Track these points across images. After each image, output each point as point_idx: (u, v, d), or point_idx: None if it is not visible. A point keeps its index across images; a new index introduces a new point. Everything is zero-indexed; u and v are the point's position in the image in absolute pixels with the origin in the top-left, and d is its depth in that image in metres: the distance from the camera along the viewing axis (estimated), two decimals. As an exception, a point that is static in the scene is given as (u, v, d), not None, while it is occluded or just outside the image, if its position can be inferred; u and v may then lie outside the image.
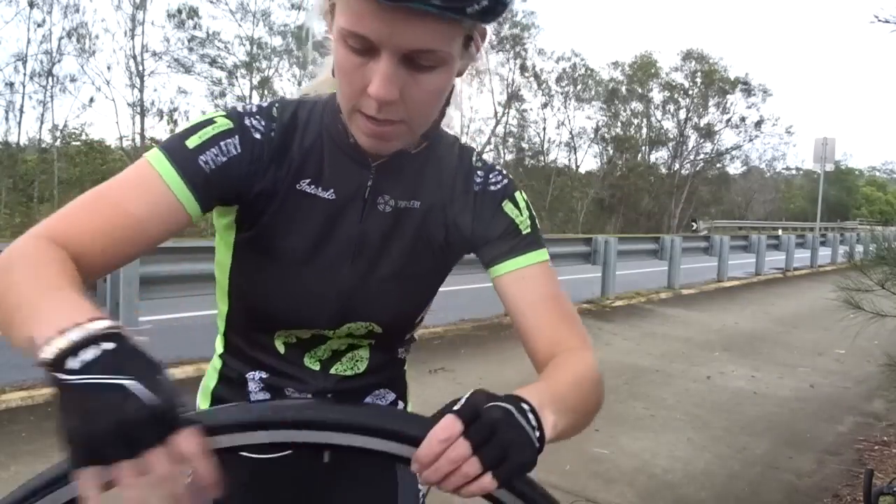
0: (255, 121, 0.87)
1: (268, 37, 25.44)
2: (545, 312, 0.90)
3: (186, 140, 0.83)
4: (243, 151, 0.85)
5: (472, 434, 0.60)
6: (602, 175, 33.81)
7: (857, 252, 5.03)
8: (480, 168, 0.96)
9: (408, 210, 0.92)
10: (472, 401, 0.63)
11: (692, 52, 34.54)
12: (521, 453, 0.62)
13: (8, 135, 22.18)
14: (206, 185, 0.82)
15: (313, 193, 0.89)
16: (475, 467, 0.60)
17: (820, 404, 4.92)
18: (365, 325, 0.93)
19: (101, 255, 0.77)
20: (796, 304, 9.95)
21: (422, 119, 0.82)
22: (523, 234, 0.94)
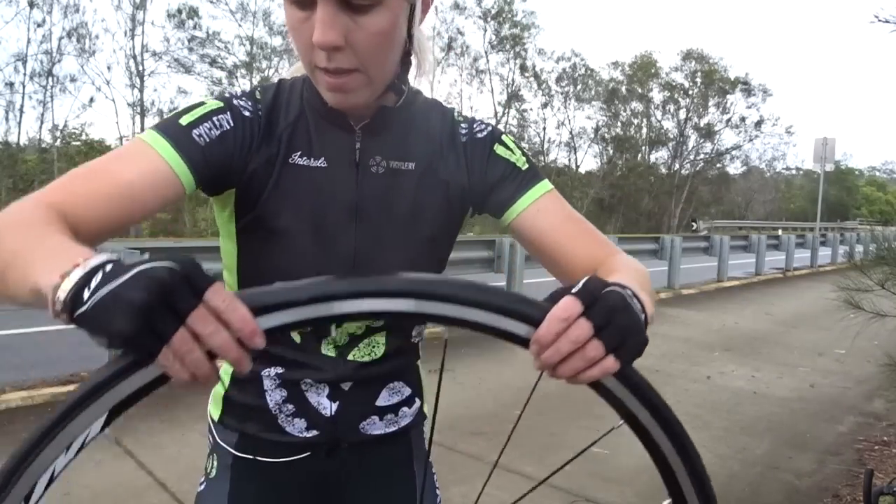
0: (243, 102, 0.90)
1: (268, 37, 25.45)
2: (573, 234, 0.93)
3: (179, 119, 0.84)
4: (235, 126, 0.87)
5: (592, 316, 0.59)
6: (602, 175, 33.81)
7: (857, 252, 5.03)
8: (463, 121, 0.99)
9: (402, 171, 0.93)
10: (589, 285, 0.61)
11: (692, 52, 34.56)
12: (638, 337, 0.61)
13: (8, 135, 22.19)
14: (201, 157, 0.83)
15: (306, 165, 0.90)
16: (598, 350, 0.59)
17: (820, 404, 4.92)
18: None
19: (96, 220, 0.75)
20: (796, 304, 9.95)
21: (375, 65, 0.82)
22: (523, 171, 0.96)
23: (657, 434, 0.66)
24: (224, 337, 0.53)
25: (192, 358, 0.52)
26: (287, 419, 0.97)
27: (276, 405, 0.97)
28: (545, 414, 4.17)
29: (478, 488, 3.10)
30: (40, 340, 5.52)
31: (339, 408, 0.97)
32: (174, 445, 3.43)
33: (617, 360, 0.60)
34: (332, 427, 0.97)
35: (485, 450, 3.61)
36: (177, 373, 0.52)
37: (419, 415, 1.07)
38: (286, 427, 0.97)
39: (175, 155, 0.81)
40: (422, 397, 1.07)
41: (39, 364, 4.85)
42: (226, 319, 0.53)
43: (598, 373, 0.60)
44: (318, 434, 0.97)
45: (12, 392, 4.07)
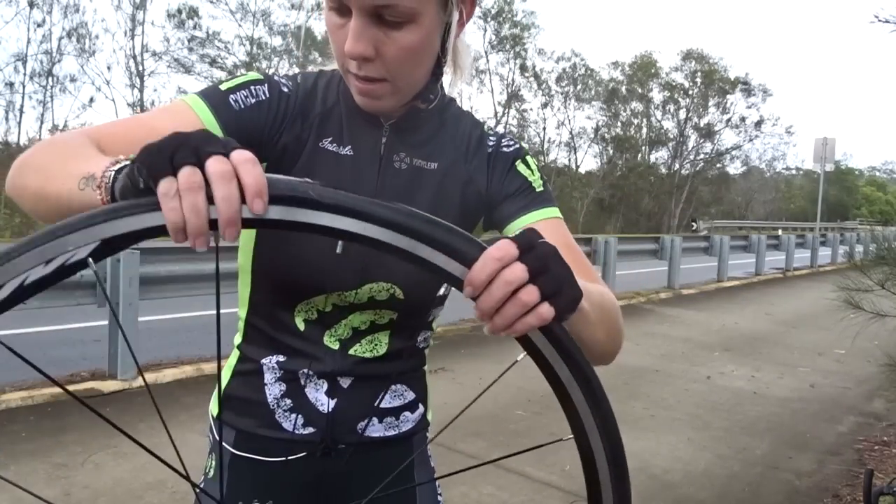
0: (283, 80, 0.94)
1: (268, 37, 25.48)
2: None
3: (220, 85, 0.89)
4: (272, 97, 0.90)
5: (527, 260, 0.57)
6: (602, 175, 33.81)
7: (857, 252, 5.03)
8: (492, 134, 1.01)
9: (425, 170, 0.96)
10: (527, 233, 0.60)
11: (692, 52, 34.56)
12: (573, 289, 0.60)
13: (8, 135, 22.18)
14: (236, 121, 0.86)
15: (334, 151, 0.93)
16: (533, 294, 0.57)
17: (820, 404, 4.92)
18: (386, 286, 0.93)
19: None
20: (796, 304, 9.96)
21: (403, 77, 0.85)
22: (537, 192, 0.97)
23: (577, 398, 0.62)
24: (230, 188, 0.52)
25: (192, 199, 0.51)
26: (284, 414, 0.97)
27: (275, 399, 0.97)
28: (545, 414, 4.17)
29: (478, 488, 3.10)
30: (40, 340, 5.52)
31: (337, 405, 0.97)
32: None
33: (552, 307, 0.58)
34: (328, 425, 0.97)
35: (484, 450, 3.61)
36: (171, 210, 0.51)
37: (422, 421, 1.06)
38: (283, 423, 0.97)
39: (213, 120, 0.85)
40: (426, 404, 1.07)
41: (39, 364, 4.83)
42: (240, 173, 0.53)
43: (535, 320, 0.57)
44: (315, 432, 0.97)
45: (12, 392, 4.07)
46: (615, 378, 5.21)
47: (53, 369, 4.61)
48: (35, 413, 3.84)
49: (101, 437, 3.52)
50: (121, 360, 4.39)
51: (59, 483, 3.00)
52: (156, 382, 4.46)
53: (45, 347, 5.31)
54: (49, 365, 4.76)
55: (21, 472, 3.09)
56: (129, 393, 4.24)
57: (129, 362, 4.39)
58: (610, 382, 5.16)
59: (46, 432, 3.58)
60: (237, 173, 0.52)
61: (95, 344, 5.11)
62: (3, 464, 3.16)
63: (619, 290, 9.15)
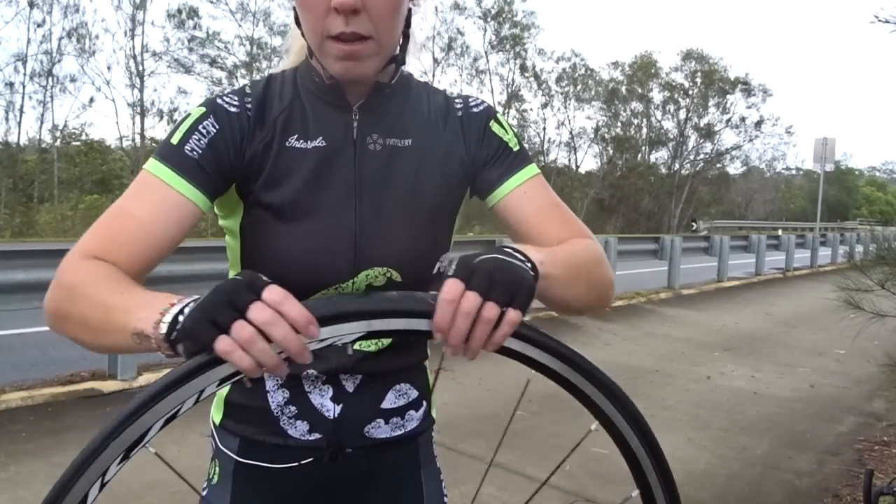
0: (228, 98, 0.92)
1: (268, 37, 25.45)
2: (549, 221, 0.95)
3: (171, 139, 0.88)
4: (221, 127, 0.89)
5: (475, 285, 0.64)
6: (602, 175, 33.80)
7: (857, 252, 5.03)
8: (457, 97, 1.01)
9: (400, 148, 0.94)
10: (462, 262, 0.67)
11: (692, 52, 34.57)
12: (524, 282, 0.66)
13: (8, 135, 22.17)
14: (200, 170, 0.87)
15: (303, 147, 0.92)
16: (494, 309, 0.64)
17: (820, 404, 4.92)
18: (382, 271, 0.92)
19: (134, 264, 0.83)
20: (796, 304, 9.95)
21: (386, 32, 0.86)
22: (514, 152, 0.98)
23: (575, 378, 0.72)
24: (284, 327, 0.60)
25: (256, 348, 0.59)
26: (289, 421, 0.96)
27: (278, 406, 0.95)
28: (545, 414, 4.17)
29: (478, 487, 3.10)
30: (40, 340, 5.52)
31: (343, 410, 0.95)
32: (174, 445, 3.43)
33: (516, 309, 0.64)
34: (335, 430, 0.96)
35: (485, 450, 3.61)
36: (239, 360, 0.59)
37: (426, 419, 1.05)
38: (288, 430, 0.96)
39: (181, 181, 0.86)
40: (429, 400, 1.06)
41: (39, 364, 4.85)
42: (283, 311, 0.61)
43: (507, 328, 0.64)
44: (321, 438, 0.95)
45: (12, 392, 4.07)
46: (615, 378, 5.19)
47: (53, 369, 4.61)
48: (35, 413, 3.84)
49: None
50: (121, 359, 4.39)
51: (59, 483, 3.00)
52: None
53: (45, 347, 5.31)
54: (49, 365, 4.76)
55: (21, 472, 3.09)
56: (130, 393, 4.24)
57: (129, 362, 4.39)
58: (610, 382, 5.17)
59: (46, 432, 3.58)
60: (280, 313, 0.61)
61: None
62: (3, 464, 3.16)
63: (619, 290, 9.15)
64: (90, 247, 0.82)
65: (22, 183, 22.71)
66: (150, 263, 0.85)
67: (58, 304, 0.79)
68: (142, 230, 0.83)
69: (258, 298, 0.61)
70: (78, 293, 0.76)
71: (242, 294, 0.61)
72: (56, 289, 0.79)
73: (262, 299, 0.61)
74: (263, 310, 0.60)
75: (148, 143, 24.43)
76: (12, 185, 22.11)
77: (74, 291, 0.77)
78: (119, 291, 0.74)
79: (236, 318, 0.60)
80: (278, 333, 0.60)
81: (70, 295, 0.77)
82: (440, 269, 0.98)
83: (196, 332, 0.61)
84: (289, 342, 0.60)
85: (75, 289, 0.77)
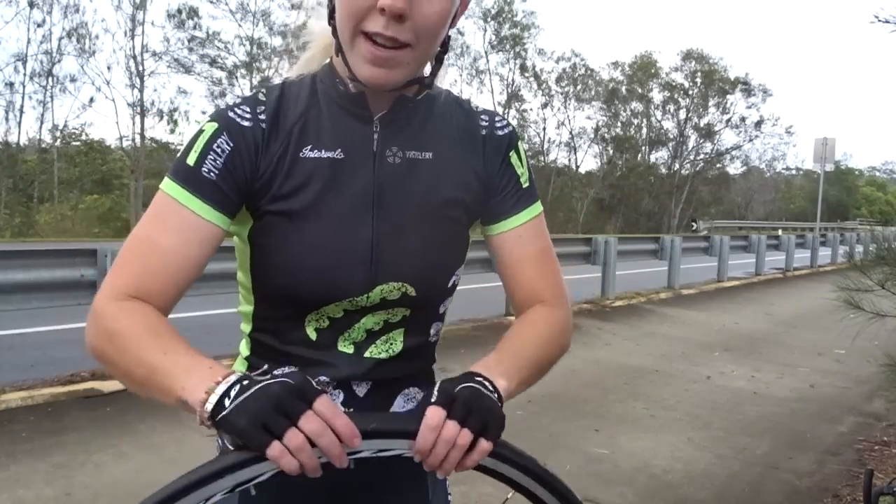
0: (240, 111, 0.90)
1: (268, 37, 25.45)
2: (531, 268, 0.98)
3: (186, 159, 0.87)
4: (235, 144, 0.87)
5: (455, 414, 0.72)
6: (602, 175, 33.80)
7: (857, 252, 5.03)
8: (483, 113, 1.00)
9: (420, 161, 0.93)
10: (444, 389, 0.74)
11: (692, 52, 34.58)
12: (496, 415, 0.75)
13: (8, 135, 22.19)
14: (218, 191, 0.86)
15: (317, 156, 0.89)
16: (467, 437, 0.71)
17: (820, 404, 4.92)
18: (397, 286, 0.91)
19: (166, 295, 0.85)
20: (796, 304, 9.95)
21: (427, 43, 0.85)
22: (523, 189, 0.99)
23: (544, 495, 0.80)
24: (331, 438, 0.66)
25: (305, 456, 0.65)
26: None
27: None
28: (544, 414, 4.17)
29: (477, 488, 3.10)
30: (40, 340, 5.52)
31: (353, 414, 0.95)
32: (174, 445, 3.43)
33: (488, 440, 0.73)
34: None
35: (485, 450, 3.61)
36: (287, 464, 0.64)
37: None
38: None
39: (200, 204, 0.85)
40: None
41: (39, 364, 4.85)
42: (331, 424, 0.66)
43: (478, 456, 0.72)
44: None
45: (12, 392, 4.06)
46: (615, 378, 5.21)
47: (53, 369, 4.61)
48: (35, 413, 3.83)
49: (101, 437, 3.52)
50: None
51: (59, 483, 2.99)
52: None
53: (45, 347, 5.32)
54: (49, 365, 4.76)
55: (21, 473, 3.09)
56: (130, 393, 4.22)
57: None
58: (610, 383, 5.18)
59: (46, 432, 3.58)
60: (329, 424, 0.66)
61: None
62: (3, 464, 3.16)
63: (619, 290, 9.15)
64: (123, 283, 0.84)
65: (22, 183, 22.70)
66: (182, 290, 0.86)
67: (101, 348, 0.81)
68: (169, 259, 0.84)
69: (309, 408, 0.66)
70: (121, 343, 0.79)
71: (294, 403, 0.65)
72: (97, 332, 0.81)
73: (314, 410, 0.66)
74: (314, 421, 0.65)
75: (148, 143, 24.45)
76: (12, 185, 22.11)
77: (116, 340, 0.79)
78: (162, 351, 0.76)
79: (288, 427, 0.64)
80: (325, 443, 0.65)
81: (112, 342, 0.79)
82: (454, 283, 0.98)
83: (249, 434, 0.65)
84: (332, 452, 0.66)
85: (117, 337, 0.79)
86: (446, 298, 0.99)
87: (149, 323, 0.80)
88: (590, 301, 8.44)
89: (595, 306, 8.28)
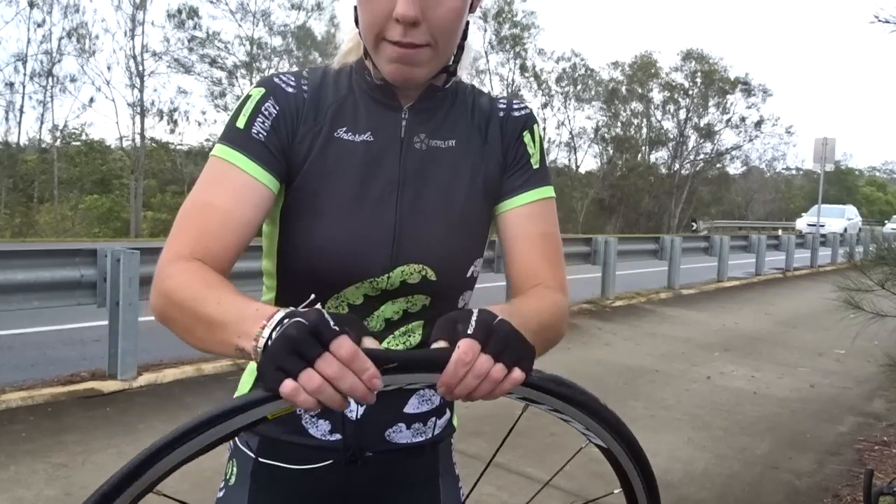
0: (286, 78, 0.95)
1: (268, 37, 25.47)
2: (532, 248, 0.98)
3: (236, 122, 0.91)
4: (281, 107, 0.92)
5: (489, 349, 0.67)
6: (602, 175, 33.80)
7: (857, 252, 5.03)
8: (502, 98, 1.05)
9: (444, 149, 0.97)
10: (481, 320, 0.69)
11: (692, 52, 34.55)
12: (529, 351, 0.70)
13: (8, 135, 22.18)
14: (268, 152, 0.89)
15: (351, 139, 0.94)
16: (501, 372, 0.67)
17: (820, 404, 4.92)
18: (418, 268, 0.93)
19: (220, 255, 0.85)
20: (796, 304, 9.96)
21: (445, 42, 0.88)
22: (533, 170, 1.00)
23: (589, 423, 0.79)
24: (351, 380, 0.62)
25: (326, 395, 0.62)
26: (311, 420, 0.96)
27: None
28: (544, 414, 4.17)
29: (478, 488, 3.10)
30: (40, 340, 5.52)
31: (366, 412, 0.95)
32: (174, 445, 3.43)
33: (521, 371, 0.68)
34: (356, 432, 0.95)
35: (485, 450, 3.60)
36: (303, 402, 0.62)
37: (448, 427, 1.05)
38: (309, 428, 0.96)
39: (253, 165, 0.88)
40: (452, 408, 1.05)
41: (39, 364, 4.84)
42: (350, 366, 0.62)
43: (509, 385, 0.68)
44: (342, 439, 0.95)
45: (12, 392, 4.06)
46: (615, 378, 5.21)
47: (53, 369, 4.61)
48: (35, 413, 3.83)
49: (101, 437, 3.52)
50: (121, 360, 4.38)
51: (59, 483, 3.00)
52: (156, 382, 4.45)
53: (45, 347, 5.32)
54: (49, 365, 4.76)
55: (21, 473, 3.09)
56: (130, 393, 4.23)
57: (129, 362, 4.39)
58: (610, 383, 5.18)
59: (46, 432, 3.58)
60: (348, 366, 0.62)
61: (95, 344, 5.11)
62: (2, 464, 3.16)
63: (619, 290, 9.15)
64: (182, 246, 0.85)
65: (22, 183, 22.71)
66: (239, 250, 0.87)
67: (161, 309, 0.81)
68: (226, 219, 0.86)
69: (326, 349, 0.62)
70: (178, 301, 0.79)
71: (310, 345, 0.62)
72: (157, 294, 0.82)
73: (331, 351, 0.62)
74: (332, 363, 0.62)
75: (148, 143, 24.44)
76: (12, 185, 22.11)
77: (173, 298, 0.79)
78: (216, 301, 0.75)
79: (304, 368, 0.61)
80: (346, 386, 0.62)
81: (170, 301, 0.80)
82: (473, 274, 0.99)
83: (266, 377, 0.63)
84: (356, 392, 0.63)
85: (173, 295, 0.79)
86: (465, 290, 1.00)
87: (202, 277, 0.80)
88: (590, 301, 8.44)
89: (595, 306, 8.28)
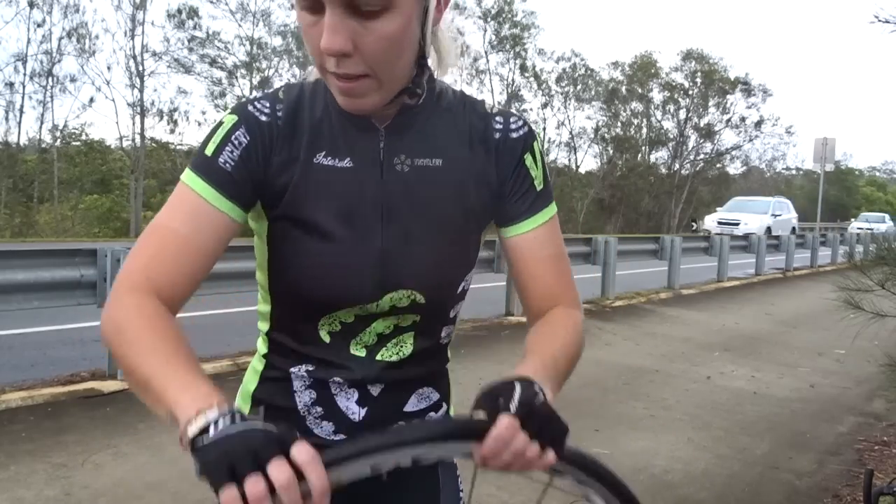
0: (260, 105, 0.91)
1: (268, 37, 25.48)
2: (546, 271, 0.97)
3: (205, 149, 0.88)
4: (251, 137, 0.88)
5: (529, 427, 0.71)
6: (602, 175, 33.80)
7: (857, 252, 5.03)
8: (498, 114, 0.98)
9: (429, 168, 0.93)
10: (525, 399, 0.72)
11: (692, 52, 34.55)
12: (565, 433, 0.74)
13: (8, 135, 22.18)
14: (233, 183, 0.87)
15: (331, 165, 0.90)
16: (535, 451, 0.71)
17: (820, 404, 4.92)
18: (407, 293, 0.92)
19: (173, 283, 0.84)
20: (796, 304, 9.95)
21: (385, 70, 0.82)
22: (538, 192, 0.98)
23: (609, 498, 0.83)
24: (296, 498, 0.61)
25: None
26: (315, 421, 0.96)
27: (305, 406, 0.96)
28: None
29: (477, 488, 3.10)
30: (40, 340, 5.52)
31: (368, 413, 0.96)
32: (174, 446, 3.42)
33: (553, 452, 0.73)
34: (359, 433, 0.95)
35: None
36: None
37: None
38: (314, 429, 0.96)
39: (216, 194, 0.86)
40: (449, 402, 1.06)
41: (39, 364, 4.84)
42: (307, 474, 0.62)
43: (541, 466, 0.72)
44: (345, 439, 0.96)
45: (12, 392, 4.06)
46: (615, 378, 5.20)
47: (53, 369, 4.61)
48: (35, 413, 3.83)
49: (101, 437, 3.52)
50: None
51: (59, 483, 2.99)
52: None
53: (45, 347, 5.32)
54: (49, 365, 4.76)
55: (21, 473, 3.09)
56: (130, 393, 4.20)
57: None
58: (610, 383, 5.17)
59: (46, 432, 3.58)
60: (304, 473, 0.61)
61: (95, 344, 5.10)
62: (2, 464, 3.16)
63: (619, 290, 9.15)
64: (136, 267, 0.84)
65: (22, 183, 22.71)
66: (194, 278, 0.85)
67: (109, 337, 0.80)
68: (183, 246, 0.84)
69: (284, 455, 0.61)
70: (125, 339, 0.78)
71: (269, 448, 0.61)
72: (109, 320, 0.81)
73: (290, 456, 0.61)
74: (284, 470, 0.60)
75: (148, 143, 24.44)
76: (12, 185, 22.11)
77: (122, 334, 0.78)
78: (164, 358, 0.74)
79: (252, 472, 0.60)
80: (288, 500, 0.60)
81: (119, 334, 0.79)
82: (464, 287, 0.99)
83: (212, 470, 0.61)
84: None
85: (122, 331, 0.78)
86: (457, 303, 1.00)
87: (153, 323, 0.79)
88: (590, 301, 8.44)
89: (595, 306, 8.28)
